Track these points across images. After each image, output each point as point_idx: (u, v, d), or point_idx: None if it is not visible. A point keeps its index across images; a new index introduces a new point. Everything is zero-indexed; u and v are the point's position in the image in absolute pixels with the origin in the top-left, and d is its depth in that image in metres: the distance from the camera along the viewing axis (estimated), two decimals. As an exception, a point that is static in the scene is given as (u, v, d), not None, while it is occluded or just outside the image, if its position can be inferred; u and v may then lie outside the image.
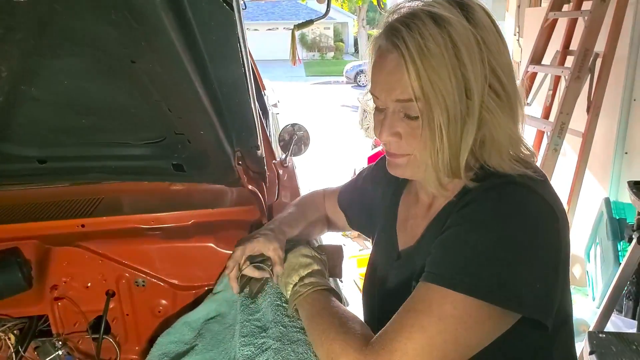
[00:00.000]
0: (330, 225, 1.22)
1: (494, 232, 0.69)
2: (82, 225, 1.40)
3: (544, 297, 0.70)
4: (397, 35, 0.71)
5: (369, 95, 0.82)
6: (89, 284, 1.37)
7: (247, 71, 0.76)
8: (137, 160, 1.25)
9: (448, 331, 0.68)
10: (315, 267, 0.97)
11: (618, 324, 2.29)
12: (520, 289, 0.68)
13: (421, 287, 0.72)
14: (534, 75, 3.22)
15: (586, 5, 2.83)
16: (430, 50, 0.68)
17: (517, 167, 0.74)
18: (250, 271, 1.01)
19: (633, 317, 2.38)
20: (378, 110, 0.80)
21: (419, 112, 0.72)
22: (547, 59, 3.20)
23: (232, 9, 0.57)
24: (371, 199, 1.06)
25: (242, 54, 0.70)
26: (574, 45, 2.94)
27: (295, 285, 0.95)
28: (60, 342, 1.38)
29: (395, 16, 0.74)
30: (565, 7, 3.12)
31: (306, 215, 1.15)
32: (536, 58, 3.19)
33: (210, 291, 1.27)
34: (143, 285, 1.38)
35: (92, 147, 1.21)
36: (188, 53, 0.67)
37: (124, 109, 0.96)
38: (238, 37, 0.63)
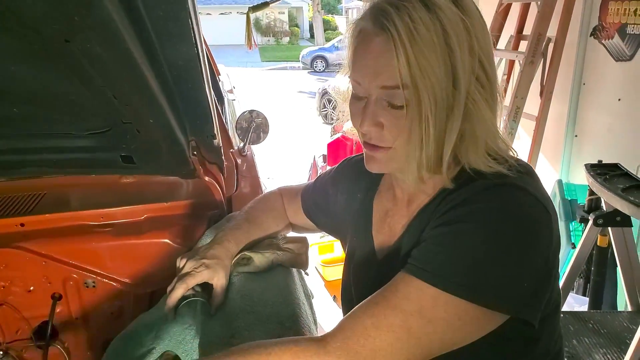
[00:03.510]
0: (295, 228, 1.17)
1: (490, 235, 0.67)
2: (22, 224, 1.29)
3: (533, 297, 0.69)
4: (386, 17, 0.66)
5: (341, 83, 0.77)
6: (32, 288, 1.27)
7: (200, 52, 0.68)
8: (81, 152, 1.15)
9: (437, 332, 0.67)
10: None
11: (569, 300, 2.38)
12: (511, 291, 0.67)
13: (408, 281, 0.69)
14: (489, 59, 3.26)
15: (538, -9, 2.87)
16: (421, 34, 0.64)
17: (491, 164, 0.72)
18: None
19: (584, 294, 2.48)
20: (357, 98, 0.74)
21: (404, 100, 0.68)
22: (501, 44, 3.25)
23: (181, -21, 0.50)
24: (333, 203, 1.01)
25: (194, 31, 0.62)
26: (527, 30, 2.99)
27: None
28: (0, 352, 1.27)
29: None
30: (518, -8, 3.17)
31: (262, 224, 1.09)
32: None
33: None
34: (93, 287, 1.30)
35: (29, 139, 1.10)
36: (131, 30, 0.59)
37: (63, 96, 0.86)
38: (189, 12, 0.56)
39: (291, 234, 1.20)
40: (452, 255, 0.68)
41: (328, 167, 4.69)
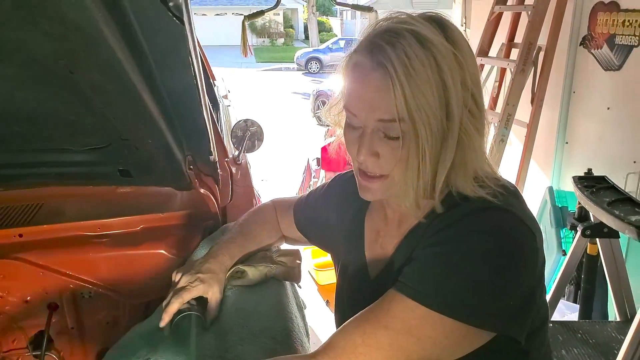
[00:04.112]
0: (288, 240, 1.18)
1: (477, 256, 0.70)
2: (20, 235, 1.30)
3: (519, 315, 0.72)
4: (382, 53, 0.68)
5: (332, 109, 0.80)
6: (29, 298, 1.28)
7: (198, 79, 0.71)
8: (80, 166, 1.16)
9: (425, 350, 0.69)
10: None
11: (560, 307, 2.41)
12: (497, 309, 0.70)
13: (399, 300, 0.71)
14: (481, 67, 3.30)
15: (529, 0, 2.91)
16: (416, 70, 0.67)
17: (476, 190, 0.74)
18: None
19: (574, 301, 2.51)
20: (352, 127, 0.76)
21: (400, 132, 0.70)
22: (493, 51, 3.28)
23: (183, 23, 0.52)
24: (325, 219, 1.03)
25: (192, 63, 0.65)
26: (519, 38, 3.03)
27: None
28: (-3, 361, 1.29)
29: (376, 33, 0.71)
30: (510, 1, 3.21)
31: (256, 237, 1.11)
32: (483, 50, 3.27)
33: (162, 300, 1.21)
34: (89, 297, 1.31)
35: (29, 154, 1.12)
36: (133, 63, 0.62)
37: (63, 116, 0.88)
38: (189, 49, 0.58)
39: (284, 246, 1.23)
40: (440, 275, 0.70)
41: (322, 171, 4.69)
